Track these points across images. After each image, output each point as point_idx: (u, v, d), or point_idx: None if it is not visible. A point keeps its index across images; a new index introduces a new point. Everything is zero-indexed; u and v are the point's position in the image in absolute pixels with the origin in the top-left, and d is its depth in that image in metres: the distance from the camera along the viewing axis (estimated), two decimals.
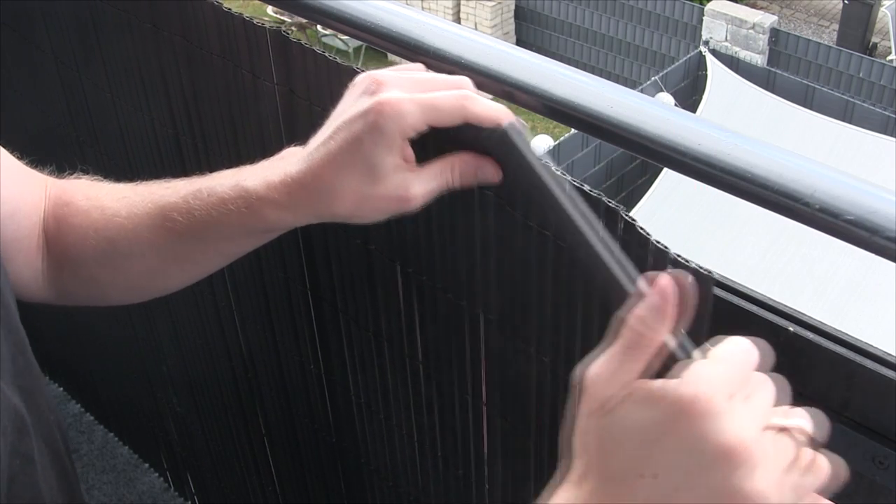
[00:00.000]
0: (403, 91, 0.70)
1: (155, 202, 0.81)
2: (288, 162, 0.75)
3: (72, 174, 0.87)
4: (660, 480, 0.50)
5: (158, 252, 0.81)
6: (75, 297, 0.89)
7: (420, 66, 0.77)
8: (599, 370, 0.53)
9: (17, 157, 0.84)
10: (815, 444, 0.51)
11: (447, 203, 0.75)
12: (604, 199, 0.67)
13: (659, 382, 0.51)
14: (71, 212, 0.83)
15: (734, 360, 0.52)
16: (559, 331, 0.77)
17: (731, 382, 0.50)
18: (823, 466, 0.51)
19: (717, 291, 0.63)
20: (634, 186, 8.56)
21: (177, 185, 0.82)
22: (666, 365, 0.52)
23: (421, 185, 0.72)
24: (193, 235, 0.79)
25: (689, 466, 0.49)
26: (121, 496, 1.83)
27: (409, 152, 0.71)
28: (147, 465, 1.88)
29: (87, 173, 0.88)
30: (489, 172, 0.72)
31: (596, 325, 0.73)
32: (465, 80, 0.73)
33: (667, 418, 0.50)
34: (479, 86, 0.82)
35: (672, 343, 0.52)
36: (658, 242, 0.63)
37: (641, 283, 0.54)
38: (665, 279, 0.52)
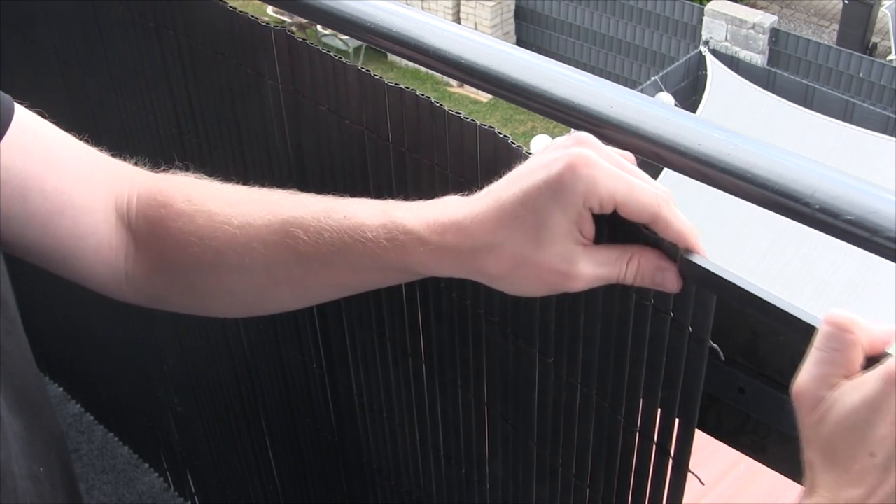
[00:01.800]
0: (603, 160, 0.62)
1: (276, 213, 0.73)
2: (449, 204, 0.68)
3: (168, 169, 0.81)
4: (880, 460, 0.49)
5: (271, 271, 0.74)
6: (170, 303, 0.83)
7: (630, 155, 0.67)
8: (804, 379, 0.52)
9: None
10: None
11: None
12: None
13: (867, 372, 0.51)
14: (169, 215, 0.76)
15: None
16: (562, 333, 0.77)
17: None
18: None
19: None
20: None
21: (303, 198, 0.74)
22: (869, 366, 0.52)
23: (590, 265, 0.63)
24: (318, 259, 0.71)
25: None
26: (121, 496, 1.83)
27: (589, 226, 0.63)
28: (147, 465, 1.88)
29: (188, 169, 0.81)
30: (670, 281, 0.63)
31: (599, 328, 0.73)
32: (670, 192, 0.64)
33: (880, 394, 0.49)
34: (480, 86, 0.82)
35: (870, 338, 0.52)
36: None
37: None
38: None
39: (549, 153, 0.64)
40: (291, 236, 0.71)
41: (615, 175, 0.61)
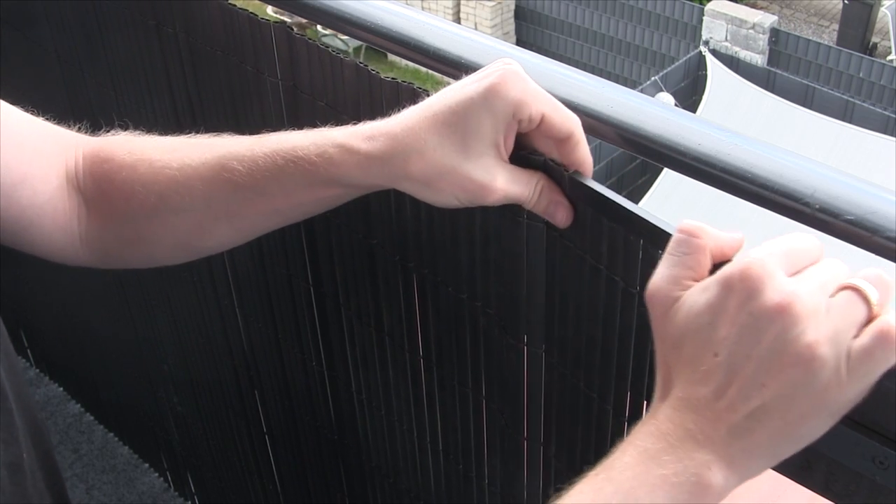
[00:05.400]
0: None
1: (213, 151, 0.76)
2: (382, 120, 0.70)
3: (108, 131, 0.83)
4: (722, 359, 0.51)
5: (210, 205, 0.76)
6: (120, 259, 0.85)
7: None
8: (656, 280, 0.55)
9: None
10: (877, 308, 0.51)
11: None
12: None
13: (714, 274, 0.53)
14: (113, 168, 0.78)
15: (786, 243, 0.53)
16: (554, 324, 0.77)
17: (782, 257, 0.52)
18: (884, 327, 0.49)
19: None
20: (634, 186, 8.56)
21: (241, 137, 0.77)
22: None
23: (506, 182, 0.67)
24: (252, 187, 0.73)
25: (744, 336, 0.50)
26: (121, 496, 1.83)
27: (511, 141, 0.66)
28: (147, 465, 1.88)
29: (127, 128, 0.83)
30: (562, 214, 0.69)
31: (587, 317, 0.73)
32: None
33: (720, 296, 0.51)
34: None
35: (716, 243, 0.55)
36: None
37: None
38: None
39: (478, 73, 0.67)
40: (227, 169, 0.74)
41: (542, 91, 0.65)
